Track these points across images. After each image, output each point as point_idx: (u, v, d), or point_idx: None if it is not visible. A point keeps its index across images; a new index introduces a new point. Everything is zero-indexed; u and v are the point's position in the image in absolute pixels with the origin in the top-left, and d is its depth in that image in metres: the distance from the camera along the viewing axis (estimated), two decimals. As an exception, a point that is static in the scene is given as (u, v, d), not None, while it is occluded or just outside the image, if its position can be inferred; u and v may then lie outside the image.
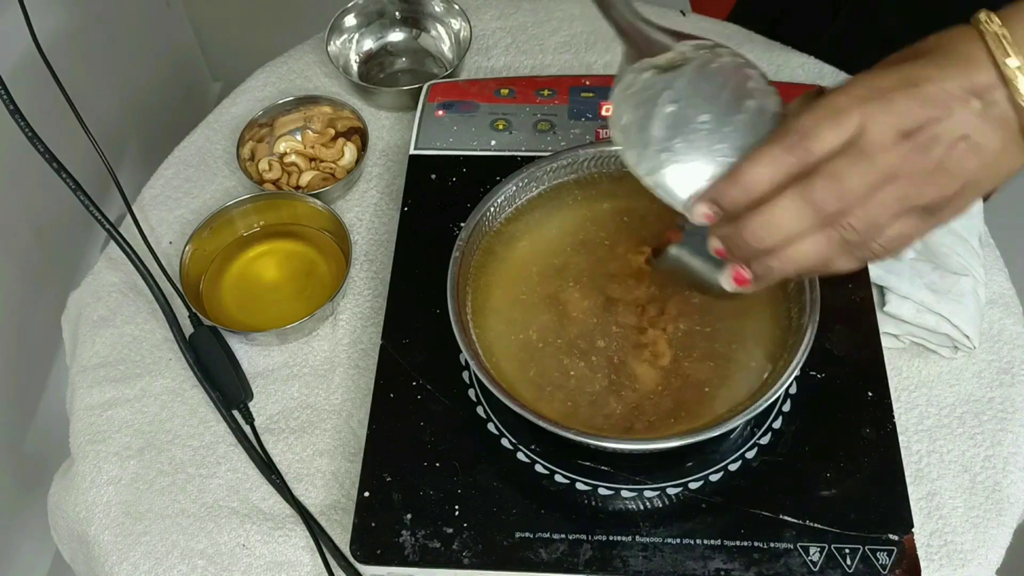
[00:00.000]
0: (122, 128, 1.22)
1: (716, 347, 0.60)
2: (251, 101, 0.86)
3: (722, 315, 0.62)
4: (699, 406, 0.58)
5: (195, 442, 0.67)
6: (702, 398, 0.59)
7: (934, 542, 0.61)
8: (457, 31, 0.87)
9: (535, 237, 0.66)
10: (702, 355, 0.60)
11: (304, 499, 0.65)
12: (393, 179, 0.80)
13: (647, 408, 0.59)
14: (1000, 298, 0.71)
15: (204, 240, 0.74)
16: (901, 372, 0.68)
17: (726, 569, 0.55)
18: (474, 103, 0.77)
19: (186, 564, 0.63)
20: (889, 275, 0.67)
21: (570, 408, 0.59)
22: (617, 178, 0.67)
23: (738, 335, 0.61)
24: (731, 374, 0.59)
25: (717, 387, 0.59)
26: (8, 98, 0.62)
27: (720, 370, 0.60)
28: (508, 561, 0.56)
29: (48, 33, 1.01)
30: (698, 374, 0.60)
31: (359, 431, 0.66)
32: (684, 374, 0.60)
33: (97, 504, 0.65)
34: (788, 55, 0.86)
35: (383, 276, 0.73)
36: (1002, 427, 0.65)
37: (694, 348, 0.60)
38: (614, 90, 0.53)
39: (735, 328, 0.61)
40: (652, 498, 0.58)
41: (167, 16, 1.38)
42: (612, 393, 0.59)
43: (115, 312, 0.74)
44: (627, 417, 0.58)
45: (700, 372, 0.60)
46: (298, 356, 0.71)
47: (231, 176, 0.81)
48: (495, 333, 0.62)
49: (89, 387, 0.70)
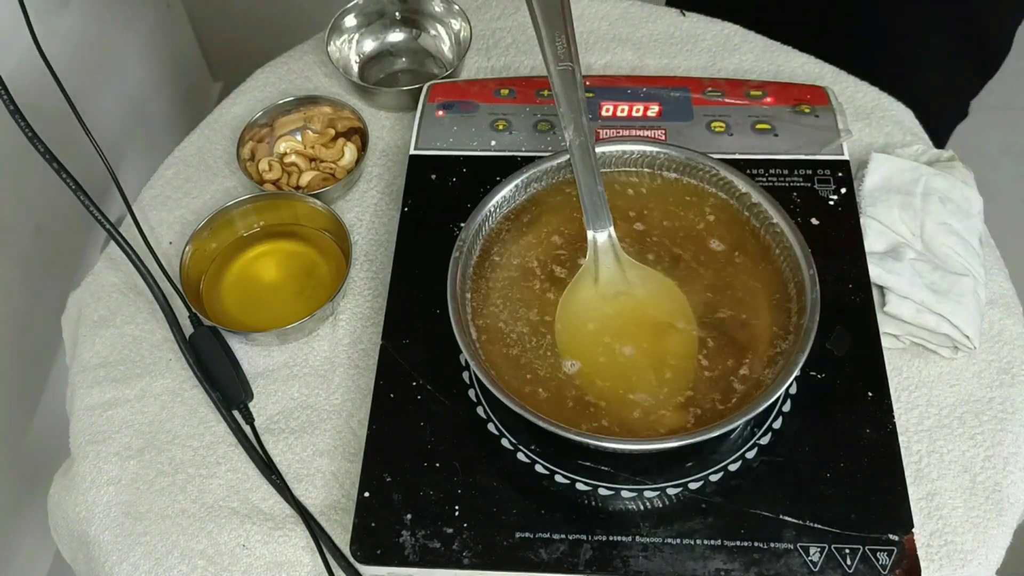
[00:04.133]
0: (122, 128, 1.22)
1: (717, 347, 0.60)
2: (251, 101, 0.86)
3: (723, 315, 0.62)
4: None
5: (195, 442, 0.67)
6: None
7: (934, 542, 0.61)
8: (457, 31, 0.87)
9: (535, 237, 0.66)
10: (703, 354, 0.60)
11: (304, 499, 0.65)
12: (393, 179, 0.80)
13: (647, 408, 0.59)
14: (1000, 298, 0.71)
15: (204, 240, 0.74)
16: (901, 372, 0.68)
17: (726, 569, 0.55)
18: (474, 103, 0.77)
19: (186, 564, 0.63)
20: (889, 275, 0.67)
21: (570, 408, 0.59)
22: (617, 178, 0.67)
23: (738, 335, 0.61)
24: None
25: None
26: (8, 98, 0.62)
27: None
28: (508, 561, 0.56)
29: (48, 33, 1.01)
30: (699, 374, 0.60)
31: (359, 431, 0.66)
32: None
33: (97, 504, 0.65)
34: (788, 55, 0.86)
35: (383, 276, 0.73)
36: (1002, 427, 0.65)
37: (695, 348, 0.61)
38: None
39: (736, 328, 0.61)
40: (652, 498, 0.58)
41: (167, 16, 1.38)
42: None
43: (115, 312, 0.74)
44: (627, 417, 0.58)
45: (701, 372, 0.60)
46: (298, 356, 0.71)
47: (231, 176, 0.81)
48: (495, 333, 0.62)
49: (89, 387, 0.70)
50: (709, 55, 0.86)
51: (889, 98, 0.82)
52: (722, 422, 0.55)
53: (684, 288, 0.63)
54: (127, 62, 1.24)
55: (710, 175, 0.66)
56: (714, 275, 0.63)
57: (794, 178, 0.71)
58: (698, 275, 0.64)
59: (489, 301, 0.63)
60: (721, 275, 0.63)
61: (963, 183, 0.73)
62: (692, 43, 0.87)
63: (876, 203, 0.71)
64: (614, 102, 0.75)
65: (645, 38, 0.87)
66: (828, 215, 0.69)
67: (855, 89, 0.83)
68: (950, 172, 0.74)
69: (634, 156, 0.68)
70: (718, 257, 0.64)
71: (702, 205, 0.67)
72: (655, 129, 0.74)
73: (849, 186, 0.70)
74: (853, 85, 0.83)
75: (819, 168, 0.71)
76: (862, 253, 0.67)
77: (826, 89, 0.76)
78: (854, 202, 0.69)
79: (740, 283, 0.63)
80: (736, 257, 0.64)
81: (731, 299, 0.62)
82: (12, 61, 0.81)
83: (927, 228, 0.70)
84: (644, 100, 0.75)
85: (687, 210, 0.66)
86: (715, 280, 0.63)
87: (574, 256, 0.65)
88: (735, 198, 0.66)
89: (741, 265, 0.64)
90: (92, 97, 1.11)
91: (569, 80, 0.62)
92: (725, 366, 0.60)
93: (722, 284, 0.63)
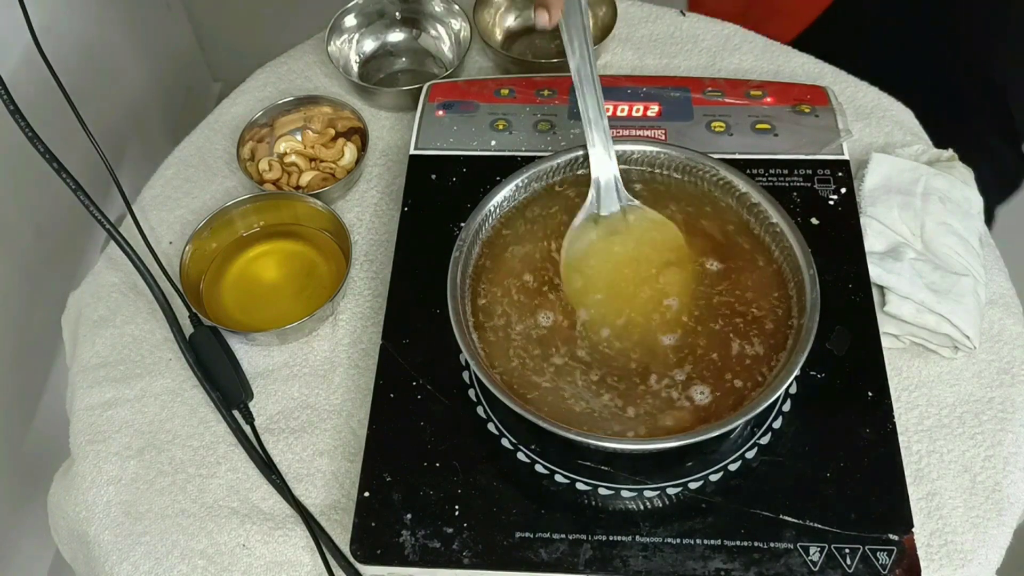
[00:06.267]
0: (122, 128, 1.22)
1: (718, 347, 0.60)
2: (251, 101, 0.86)
3: (723, 315, 0.62)
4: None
5: (195, 442, 0.67)
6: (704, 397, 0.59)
7: (934, 542, 0.61)
8: (457, 31, 0.87)
9: (535, 237, 0.66)
10: (704, 354, 0.60)
11: (304, 499, 0.65)
12: (393, 179, 0.80)
13: (647, 408, 0.59)
14: (1000, 298, 0.71)
15: (204, 240, 0.74)
16: (901, 372, 0.68)
17: (726, 569, 0.55)
18: (474, 103, 0.77)
19: (186, 564, 0.63)
20: (889, 275, 0.67)
21: (571, 408, 0.59)
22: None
23: (739, 335, 0.61)
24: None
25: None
26: (8, 98, 0.62)
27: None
28: (508, 561, 0.56)
29: (48, 33, 1.01)
30: (700, 374, 0.60)
31: (359, 431, 0.66)
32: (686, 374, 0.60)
33: (97, 504, 0.65)
34: (788, 55, 0.86)
35: (383, 276, 0.73)
36: (1002, 427, 0.65)
37: (696, 347, 0.60)
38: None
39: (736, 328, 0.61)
40: (652, 498, 0.58)
41: (167, 16, 1.39)
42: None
43: (115, 312, 0.74)
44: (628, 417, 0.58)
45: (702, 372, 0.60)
46: (298, 356, 0.71)
47: (231, 176, 0.81)
48: (495, 333, 0.62)
49: (89, 387, 0.70)
50: (709, 55, 0.86)
51: (889, 98, 0.82)
52: (722, 422, 0.55)
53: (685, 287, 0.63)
54: (127, 62, 1.24)
55: (710, 175, 0.66)
56: (714, 275, 0.63)
57: (794, 178, 0.71)
58: (698, 275, 0.64)
59: (489, 301, 0.63)
60: (721, 275, 0.63)
61: (963, 183, 0.73)
62: (692, 43, 0.87)
63: (876, 203, 0.71)
64: (614, 102, 0.75)
65: (645, 38, 0.87)
66: (828, 215, 0.69)
67: (855, 89, 0.83)
68: (950, 172, 0.74)
69: (634, 156, 0.68)
70: (718, 257, 0.64)
71: (702, 205, 0.67)
72: (655, 129, 0.74)
73: (849, 186, 0.70)
74: (853, 85, 0.83)
75: (819, 168, 0.71)
76: (862, 253, 0.67)
77: (826, 89, 0.76)
78: (854, 202, 0.69)
79: (740, 283, 0.63)
80: (736, 257, 0.64)
81: (731, 299, 0.62)
82: (12, 61, 0.81)
83: (927, 228, 0.70)
84: (644, 100, 0.75)
85: (687, 210, 0.66)
86: (715, 280, 0.63)
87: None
88: (735, 198, 0.66)
89: (741, 265, 0.64)
90: (92, 97, 1.11)
91: (574, 4, 0.63)
92: (725, 365, 0.60)
93: (722, 284, 0.63)
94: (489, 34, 0.87)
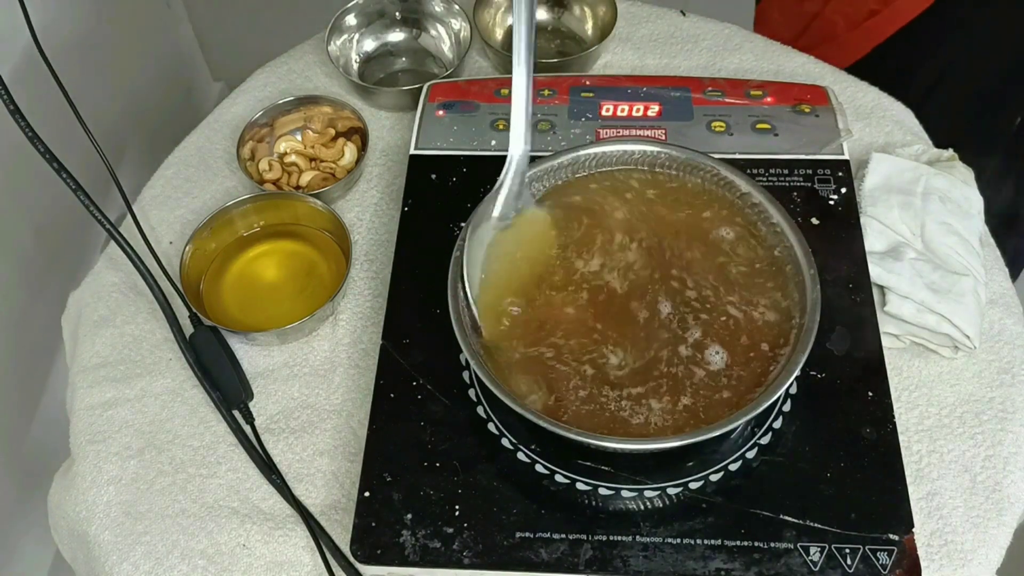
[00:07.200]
0: (122, 128, 1.22)
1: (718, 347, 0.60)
2: (251, 101, 0.86)
3: (723, 315, 0.62)
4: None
5: (195, 442, 0.67)
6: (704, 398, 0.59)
7: (934, 542, 0.61)
8: (457, 31, 0.87)
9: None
10: (705, 356, 0.60)
11: (304, 499, 0.65)
12: (393, 179, 0.80)
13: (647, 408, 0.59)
14: (1000, 298, 0.71)
15: (204, 240, 0.74)
16: (901, 372, 0.68)
17: (726, 569, 0.55)
18: (474, 103, 0.77)
19: (186, 564, 0.63)
20: (889, 275, 0.67)
21: (571, 407, 0.59)
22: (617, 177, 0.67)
23: (739, 335, 0.61)
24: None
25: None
26: (8, 98, 0.62)
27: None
28: (508, 561, 0.56)
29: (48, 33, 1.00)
30: (701, 374, 0.60)
31: (359, 431, 0.66)
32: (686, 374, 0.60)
33: (97, 504, 0.65)
34: (788, 55, 0.86)
35: (383, 276, 0.73)
36: (1002, 427, 0.65)
37: (696, 348, 0.60)
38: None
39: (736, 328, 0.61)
40: (652, 498, 0.58)
41: (167, 16, 1.38)
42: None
43: (115, 312, 0.74)
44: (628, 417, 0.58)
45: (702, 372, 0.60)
46: (298, 356, 0.71)
47: (231, 176, 0.81)
48: (495, 333, 0.62)
49: (89, 387, 0.70)
50: (709, 55, 0.86)
51: (889, 98, 0.82)
52: (722, 422, 0.55)
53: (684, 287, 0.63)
54: (127, 62, 1.24)
55: (711, 175, 0.66)
56: (714, 275, 0.63)
57: (794, 178, 0.71)
58: (698, 275, 0.64)
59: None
60: (721, 275, 0.63)
61: (963, 183, 0.73)
62: (692, 43, 0.87)
63: (876, 203, 0.71)
64: (614, 102, 0.75)
65: (645, 38, 0.88)
66: (828, 215, 0.69)
67: (855, 89, 0.83)
68: (950, 172, 0.74)
69: (635, 156, 0.68)
70: (718, 257, 0.64)
71: (702, 205, 0.67)
72: (655, 129, 0.74)
73: (849, 186, 0.70)
74: (853, 85, 0.83)
75: (819, 168, 0.71)
76: (862, 253, 0.67)
77: (826, 89, 0.76)
78: (854, 202, 0.69)
79: (740, 283, 0.63)
80: (736, 257, 0.64)
81: (731, 299, 0.62)
82: (12, 61, 0.81)
83: (927, 228, 0.70)
84: (644, 100, 0.75)
85: (687, 210, 0.66)
86: (715, 280, 0.63)
87: (572, 256, 0.65)
88: (736, 198, 0.66)
89: (741, 265, 0.64)
90: (92, 97, 1.11)
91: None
92: (725, 365, 0.60)
93: (722, 284, 0.63)
94: (489, 34, 0.87)
